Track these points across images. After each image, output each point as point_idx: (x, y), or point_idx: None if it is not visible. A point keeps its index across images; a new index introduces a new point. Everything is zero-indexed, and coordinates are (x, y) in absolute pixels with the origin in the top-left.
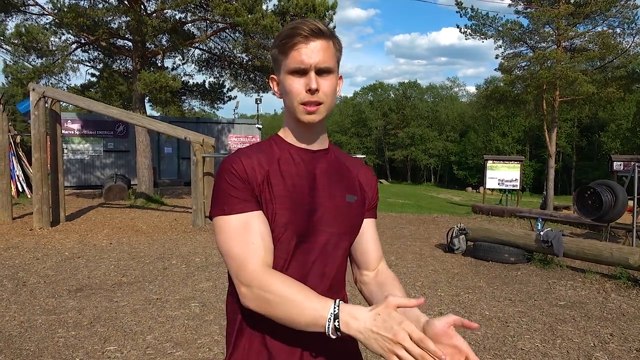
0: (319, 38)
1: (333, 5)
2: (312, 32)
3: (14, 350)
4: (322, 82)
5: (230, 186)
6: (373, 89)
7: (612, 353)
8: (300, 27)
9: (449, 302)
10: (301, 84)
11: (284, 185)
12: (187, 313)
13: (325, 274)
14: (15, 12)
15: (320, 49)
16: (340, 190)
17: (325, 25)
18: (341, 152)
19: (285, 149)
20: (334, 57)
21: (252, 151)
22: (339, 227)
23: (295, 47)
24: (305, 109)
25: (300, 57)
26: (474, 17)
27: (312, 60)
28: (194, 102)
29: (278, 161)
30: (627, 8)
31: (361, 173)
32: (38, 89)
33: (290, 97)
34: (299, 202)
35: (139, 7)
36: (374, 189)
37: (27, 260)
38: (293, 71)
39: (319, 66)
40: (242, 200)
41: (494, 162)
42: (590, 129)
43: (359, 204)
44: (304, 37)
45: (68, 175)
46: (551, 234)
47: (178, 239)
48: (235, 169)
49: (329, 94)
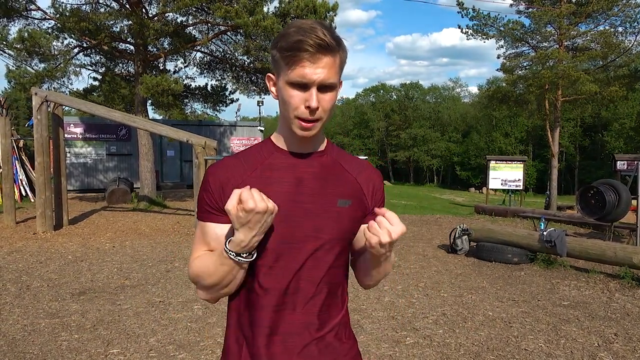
0: (326, 54)
1: (334, 6)
2: (319, 47)
3: (17, 354)
4: (322, 98)
5: (204, 196)
6: (375, 91)
7: (616, 353)
8: (307, 40)
9: (452, 303)
10: (301, 98)
11: (268, 192)
12: (190, 315)
13: (317, 279)
14: (18, 17)
15: (325, 65)
16: (332, 195)
17: (331, 36)
18: (342, 154)
19: (274, 153)
20: (338, 71)
21: (234, 160)
22: (328, 233)
23: (299, 63)
24: (300, 124)
25: (303, 72)
26: (475, 18)
27: (315, 77)
28: (196, 105)
29: (262, 168)
30: (628, 7)
31: (362, 175)
32: (40, 93)
33: (287, 108)
34: (285, 209)
35: (140, 11)
36: (377, 191)
37: (31, 264)
38: (294, 83)
39: (321, 83)
40: (208, 210)
41: (496, 163)
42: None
43: (353, 208)
44: (310, 53)
45: (71, 179)
46: (554, 234)
47: (181, 242)
48: (209, 181)
49: (328, 110)
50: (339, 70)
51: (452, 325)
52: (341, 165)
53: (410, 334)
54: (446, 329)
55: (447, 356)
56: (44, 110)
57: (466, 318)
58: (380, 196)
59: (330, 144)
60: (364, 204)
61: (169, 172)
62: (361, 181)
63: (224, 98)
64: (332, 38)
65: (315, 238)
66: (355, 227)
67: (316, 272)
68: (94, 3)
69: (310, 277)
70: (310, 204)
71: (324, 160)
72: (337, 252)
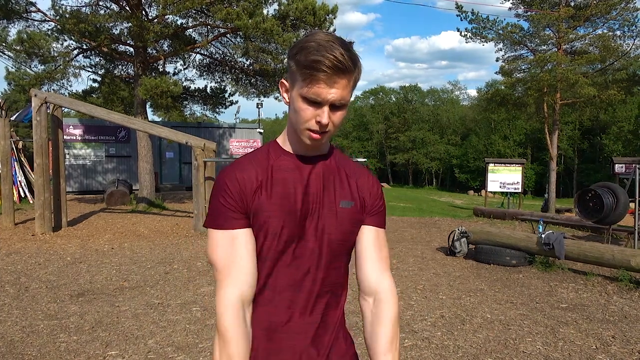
0: (342, 77)
1: (333, 9)
2: (337, 68)
3: (15, 355)
4: (334, 114)
5: (223, 202)
6: (374, 93)
7: (614, 355)
8: (325, 61)
9: (451, 305)
10: (313, 113)
11: (276, 193)
12: (189, 317)
13: (320, 279)
14: (17, 19)
15: (340, 86)
16: (335, 196)
17: (350, 58)
18: (344, 158)
19: (281, 156)
20: (352, 90)
21: (246, 162)
22: (333, 233)
23: (316, 83)
24: (310, 135)
25: (318, 91)
26: (474, 21)
27: (330, 97)
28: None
29: (271, 169)
30: (627, 11)
31: (361, 179)
32: (40, 94)
33: (299, 119)
34: (290, 209)
35: (140, 13)
36: (375, 195)
37: (29, 266)
38: (308, 99)
39: (334, 103)
40: (231, 217)
41: (495, 165)
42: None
43: (355, 210)
44: (327, 75)
45: (70, 181)
46: (553, 237)
47: (179, 244)
48: (228, 185)
49: (337, 125)
50: (352, 89)
51: (450, 327)
52: (343, 168)
53: (409, 336)
54: (444, 331)
55: (445, 358)
56: (43, 112)
57: (464, 320)
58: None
59: (332, 147)
60: (364, 206)
61: (168, 174)
62: (360, 185)
63: (223, 100)
64: (349, 59)
65: (319, 238)
66: (356, 228)
67: (318, 272)
68: (93, 5)
69: (312, 277)
70: (315, 205)
71: (327, 163)
72: (338, 252)
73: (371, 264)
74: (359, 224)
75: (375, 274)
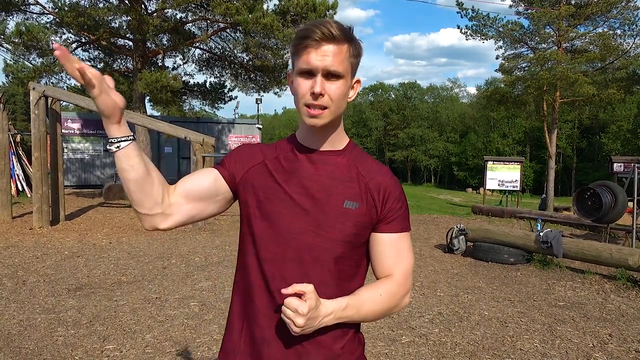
0: (331, 42)
1: (333, 5)
2: (324, 35)
3: (13, 349)
4: (329, 87)
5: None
6: (373, 90)
7: (611, 354)
8: (313, 29)
9: (448, 302)
10: (307, 86)
11: (273, 179)
12: (186, 312)
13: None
14: (16, 11)
15: (330, 53)
16: (339, 195)
17: (340, 29)
18: (362, 157)
19: (292, 146)
20: (346, 61)
21: (258, 145)
22: (329, 231)
23: (305, 50)
24: (308, 112)
25: (308, 58)
26: (474, 18)
27: (319, 63)
28: (194, 102)
29: (280, 157)
30: (627, 9)
31: (374, 180)
32: (38, 88)
33: (297, 98)
34: (289, 199)
35: (139, 6)
36: (393, 198)
37: (27, 259)
38: (302, 72)
39: (326, 70)
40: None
41: (494, 163)
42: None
43: (360, 212)
44: (315, 40)
45: (68, 175)
46: (551, 235)
47: (177, 239)
48: (235, 151)
49: (336, 99)
50: (346, 61)
51: (448, 324)
52: (356, 167)
53: (406, 332)
54: (442, 328)
55: (442, 355)
56: (41, 105)
57: (462, 317)
58: (396, 203)
59: (352, 145)
60: (373, 211)
61: (166, 169)
62: (372, 187)
63: (223, 95)
64: (339, 29)
65: (315, 234)
66: (361, 232)
67: (310, 270)
68: None
69: (299, 272)
70: (317, 200)
71: (339, 159)
72: (337, 254)
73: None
74: (364, 228)
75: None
